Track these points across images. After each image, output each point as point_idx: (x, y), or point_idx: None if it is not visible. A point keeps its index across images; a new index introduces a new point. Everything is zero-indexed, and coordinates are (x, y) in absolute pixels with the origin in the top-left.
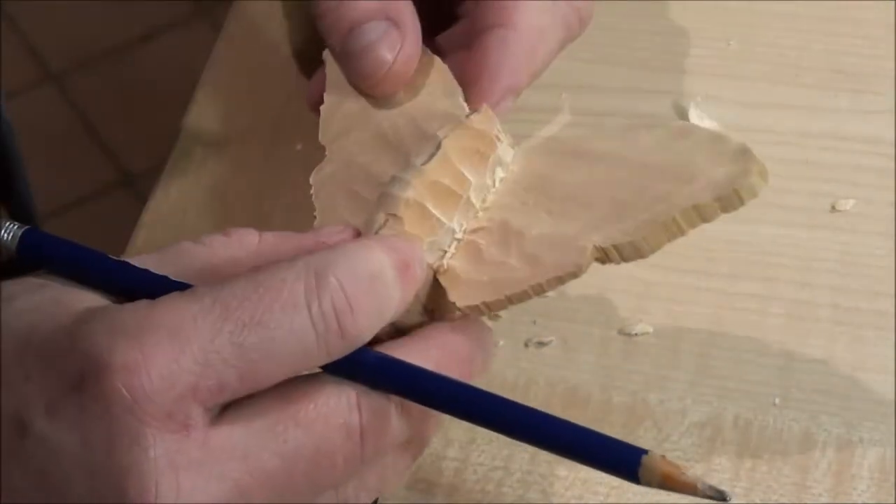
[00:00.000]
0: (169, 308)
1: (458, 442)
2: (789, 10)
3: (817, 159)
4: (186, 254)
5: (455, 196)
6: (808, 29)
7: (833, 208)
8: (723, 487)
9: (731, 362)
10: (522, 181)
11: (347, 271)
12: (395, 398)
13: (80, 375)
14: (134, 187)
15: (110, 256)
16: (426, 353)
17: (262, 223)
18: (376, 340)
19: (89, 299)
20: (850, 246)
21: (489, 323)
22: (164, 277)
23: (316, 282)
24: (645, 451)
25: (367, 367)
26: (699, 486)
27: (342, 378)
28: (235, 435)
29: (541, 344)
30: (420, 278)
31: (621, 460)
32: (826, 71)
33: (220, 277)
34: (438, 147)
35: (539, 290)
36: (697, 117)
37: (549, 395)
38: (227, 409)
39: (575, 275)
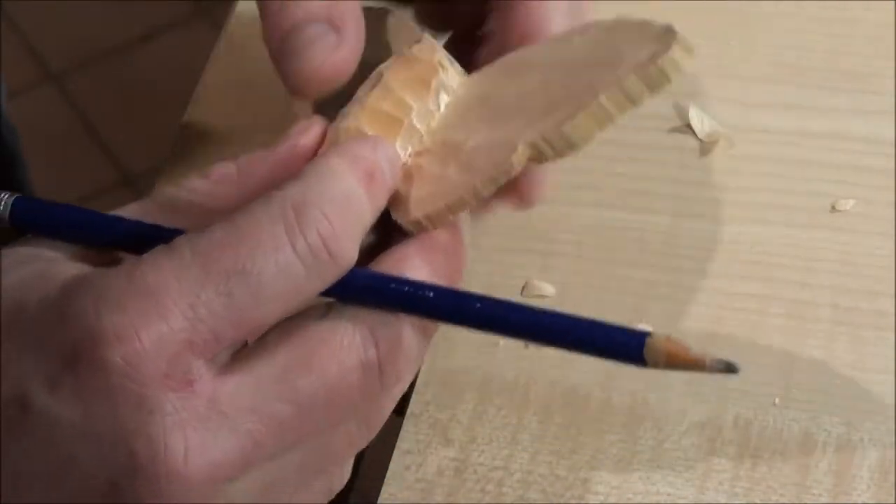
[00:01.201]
0: (150, 268)
1: (458, 442)
2: (789, 10)
3: (817, 159)
4: (169, 200)
5: (397, 122)
6: (808, 29)
7: (833, 208)
8: (731, 359)
9: None
10: (466, 102)
11: (323, 197)
12: (408, 317)
13: (74, 348)
14: (134, 187)
15: (101, 213)
16: (417, 269)
17: None
18: None
19: (74, 268)
20: (850, 246)
21: None
22: (155, 227)
23: (296, 216)
24: (648, 333)
25: (376, 290)
26: (707, 360)
27: (352, 307)
28: (244, 386)
29: None
30: (389, 181)
31: (625, 345)
32: (826, 71)
33: (207, 219)
34: (380, 79)
35: (475, 193)
36: (697, 117)
37: (549, 395)
38: (236, 357)
39: (508, 173)
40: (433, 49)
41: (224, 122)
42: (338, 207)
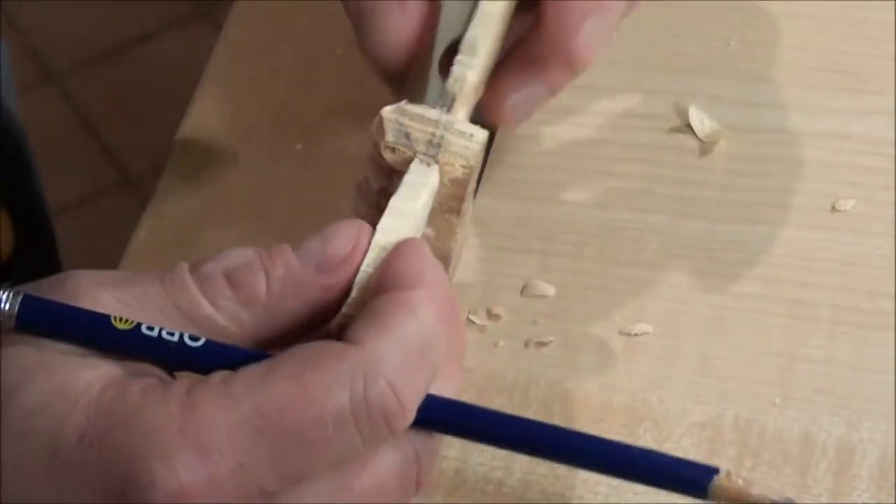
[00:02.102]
0: (203, 420)
1: (459, 442)
2: (789, 10)
3: (817, 159)
4: (191, 303)
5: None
6: (808, 29)
7: (833, 208)
8: (789, 496)
9: (731, 362)
10: None
11: (397, 360)
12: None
13: (120, 493)
14: (134, 187)
15: (113, 323)
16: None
17: (262, 223)
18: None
19: (93, 376)
20: (850, 246)
21: (488, 322)
22: (182, 347)
23: (364, 386)
24: (716, 471)
25: (424, 415)
26: (769, 499)
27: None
28: None
29: (541, 344)
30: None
31: (692, 482)
32: (826, 71)
33: (222, 333)
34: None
35: None
36: (697, 117)
37: (549, 395)
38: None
39: None
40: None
41: (224, 122)
42: (408, 369)
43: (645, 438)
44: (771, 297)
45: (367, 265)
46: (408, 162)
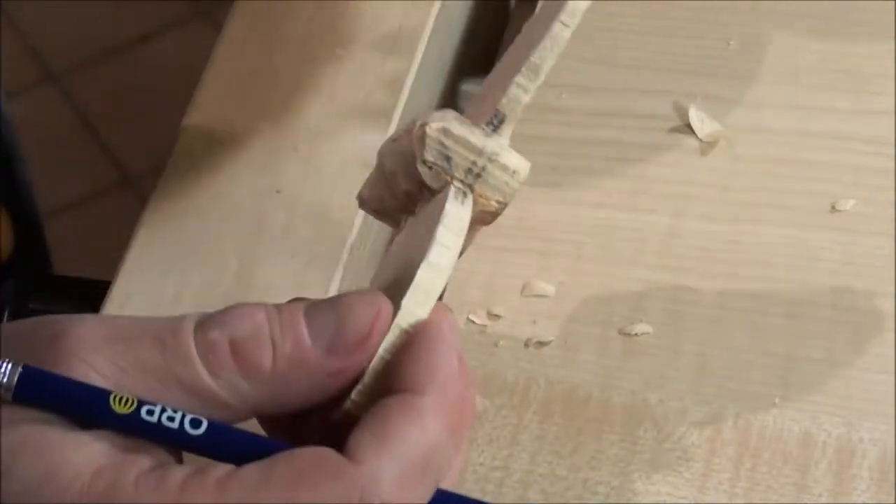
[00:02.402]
0: None
1: None
2: (789, 10)
3: (817, 159)
4: (189, 368)
5: None
6: (808, 29)
7: (833, 208)
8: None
9: (731, 362)
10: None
11: (396, 479)
12: None
13: None
14: (134, 187)
15: (112, 405)
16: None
17: (262, 223)
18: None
19: (84, 460)
20: (850, 246)
21: (488, 322)
22: (184, 434)
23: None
24: None
25: None
26: None
27: None
28: None
29: (541, 344)
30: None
31: None
32: (826, 71)
33: (223, 408)
34: None
35: None
36: (697, 117)
37: (549, 395)
38: None
39: None
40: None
41: (224, 122)
42: (409, 489)
43: (645, 438)
44: (771, 297)
45: (384, 350)
46: (441, 183)
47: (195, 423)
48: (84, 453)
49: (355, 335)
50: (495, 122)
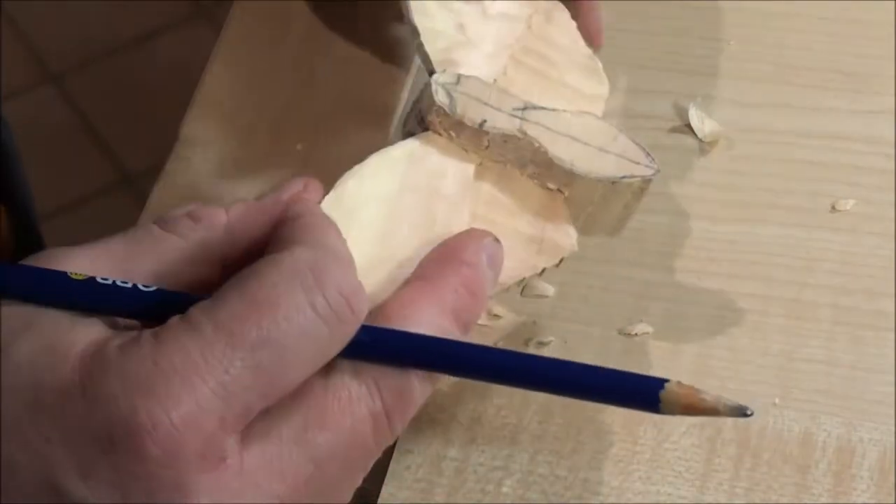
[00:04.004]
0: (175, 350)
1: (458, 442)
2: (789, 10)
3: (817, 159)
4: (157, 241)
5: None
6: (808, 29)
7: (833, 208)
8: (743, 403)
9: (731, 362)
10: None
11: (336, 256)
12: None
13: (107, 436)
14: (134, 187)
15: (73, 278)
16: (424, 311)
17: None
18: None
19: (84, 337)
20: (850, 246)
21: (488, 322)
22: (159, 293)
23: (313, 277)
24: (664, 382)
25: (379, 347)
26: (721, 406)
27: (357, 362)
28: (268, 452)
29: (541, 344)
30: None
31: (641, 395)
32: (826, 71)
33: (195, 266)
34: None
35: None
36: (697, 117)
37: (549, 395)
38: (256, 423)
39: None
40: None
41: (224, 122)
42: (349, 265)
43: (645, 438)
44: (771, 297)
45: None
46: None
47: (146, 286)
48: (79, 331)
49: (294, 188)
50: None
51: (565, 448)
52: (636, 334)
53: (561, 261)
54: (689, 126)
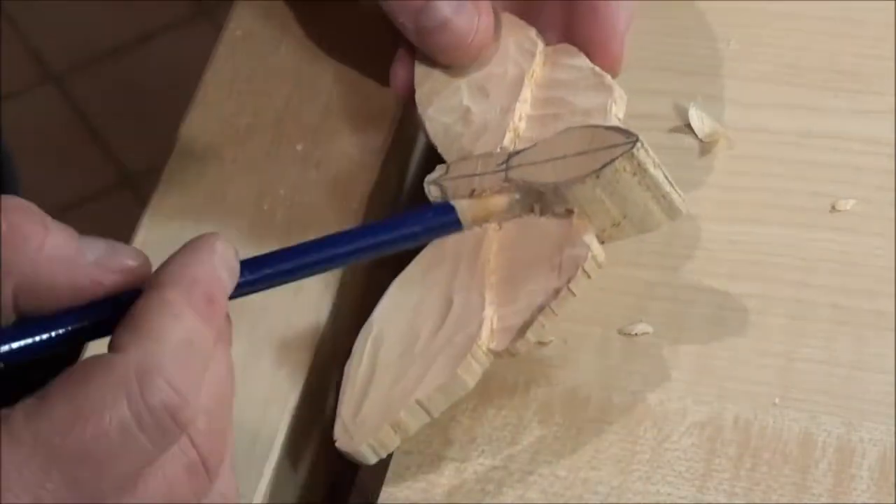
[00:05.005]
0: None
1: (458, 442)
2: (789, 10)
3: (817, 159)
4: None
5: None
6: (808, 29)
7: (833, 208)
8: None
9: (731, 362)
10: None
11: (164, 356)
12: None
13: None
14: (134, 188)
15: None
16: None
17: (262, 223)
18: None
19: None
20: (850, 246)
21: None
22: None
23: (139, 387)
24: (451, 206)
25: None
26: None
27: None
28: None
29: (541, 344)
30: (228, 291)
31: (443, 223)
32: (826, 71)
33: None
34: None
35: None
36: (697, 117)
37: (549, 395)
38: None
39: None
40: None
41: (224, 122)
42: (180, 363)
43: (645, 438)
44: (771, 297)
45: None
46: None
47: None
48: None
49: (127, 260)
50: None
51: (565, 448)
52: (636, 334)
53: (583, 271)
54: (689, 126)
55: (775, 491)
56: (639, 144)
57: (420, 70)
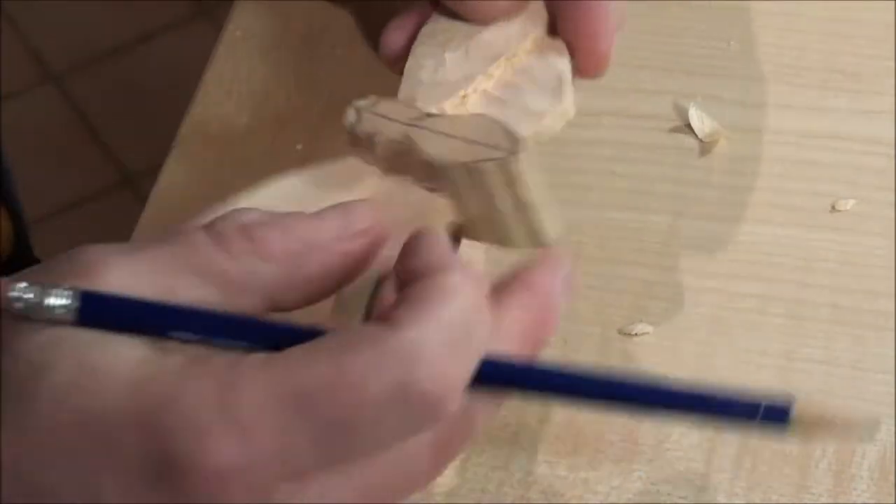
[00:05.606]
0: (247, 400)
1: None
2: (789, 10)
3: (817, 159)
4: (203, 259)
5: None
6: (808, 29)
7: (833, 208)
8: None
9: (731, 362)
10: None
11: (439, 346)
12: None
13: (158, 473)
14: (134, 187)
15: (179, 307)
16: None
17: None
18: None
19: (124, 358)
20: (850, 246)
21: None
22: (236, 321)
23: (408, 371)
24: (788, 407)
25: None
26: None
27: None
28: (315, 492)
29: None
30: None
31: (772, 413)
32: (826, 71)
33: (240, 295)
34: None
35: None
36: (697, 117)
37: None
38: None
39: None
40: None
41: (224, 122)
42: (454, 352)
43: (645, 438)
44: (771, 297)
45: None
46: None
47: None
48: (121, 350)
49: (362, 221)
50: None
51: (565, 448)
52: (636, 334)
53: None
54: (689, 126)
55: (775, 491)
56: (516, 158)
57: (432, 22)
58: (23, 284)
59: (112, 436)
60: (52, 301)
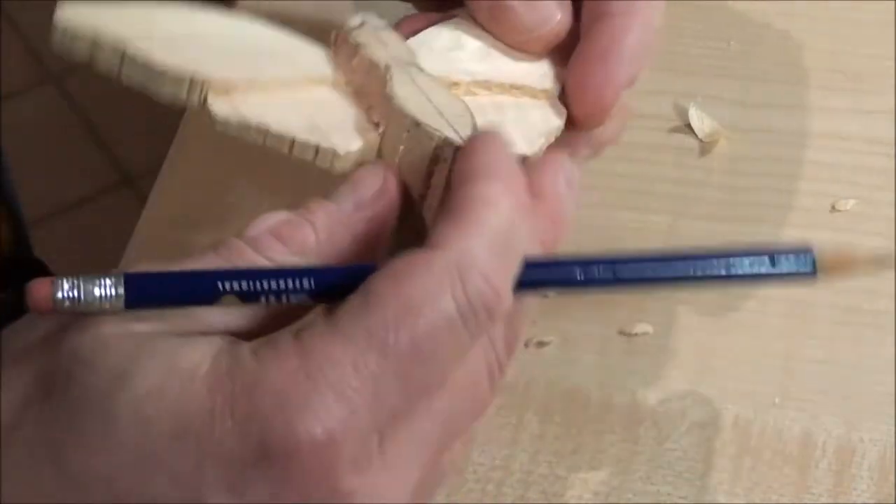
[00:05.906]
0: (325, 360)
1: None
2: (789, 11)
3: (817, 159)
4: (245, 257)
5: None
6: (808, 29)
7: (833, 208)
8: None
9: (731, 362)
10: None
11: (485, 253)
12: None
13: (263, 455)
14: (134, 187)
15: (215, 271)
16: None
17: None
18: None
19: (199, 355)
20: (849, 246)
21: None
22: (289, 274)
23: (461, 285)
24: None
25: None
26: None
27: None
28: (410, 441)
29: (541, 344)
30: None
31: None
32: (826, 71)
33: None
34: None
35: None
36: (697, 117)
37: (549, 395)
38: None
39: None
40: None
41: None
42: (498, 259)
43: (645, 438)
44: (771, 297)
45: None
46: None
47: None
48: (194, 347)
49: (374, 185)
50: None
51: (565, 448)
52: (636, 334)
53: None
54: (689, 126)
55: (775, 491)
56: (453, 144)
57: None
58: (66, 284)
59: (209, 430)
60: (99, 291)
